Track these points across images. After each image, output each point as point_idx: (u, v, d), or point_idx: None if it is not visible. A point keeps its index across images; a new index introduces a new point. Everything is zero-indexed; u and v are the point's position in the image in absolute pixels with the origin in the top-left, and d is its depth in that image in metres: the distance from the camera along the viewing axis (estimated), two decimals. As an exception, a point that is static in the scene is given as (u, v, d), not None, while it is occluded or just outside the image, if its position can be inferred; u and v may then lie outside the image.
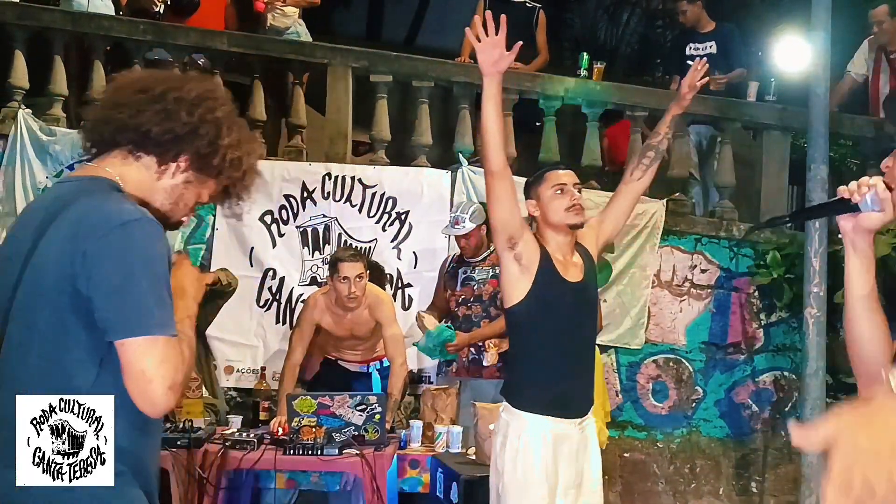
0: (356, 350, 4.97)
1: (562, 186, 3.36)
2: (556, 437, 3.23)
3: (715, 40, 6.75)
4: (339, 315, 4.84)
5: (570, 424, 3.27)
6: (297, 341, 4.87)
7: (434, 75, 6.43)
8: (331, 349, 5.02)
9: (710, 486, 6.04)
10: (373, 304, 4.86)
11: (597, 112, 6.47)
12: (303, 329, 4.88)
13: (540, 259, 3.26)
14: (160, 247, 1.81)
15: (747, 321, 6.14)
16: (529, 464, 3.19)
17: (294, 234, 5.96)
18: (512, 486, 3.21)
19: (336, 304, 4.79)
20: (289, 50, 6.51)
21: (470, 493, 3.80)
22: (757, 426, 6.12)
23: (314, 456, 4.11)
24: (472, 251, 5.07)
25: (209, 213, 5.94)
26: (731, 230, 6.19)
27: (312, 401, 4.24)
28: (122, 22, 6.36)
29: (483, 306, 5.02)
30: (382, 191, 5.98)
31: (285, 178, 5.99)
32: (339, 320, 4.86)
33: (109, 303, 1.74)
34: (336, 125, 6.37)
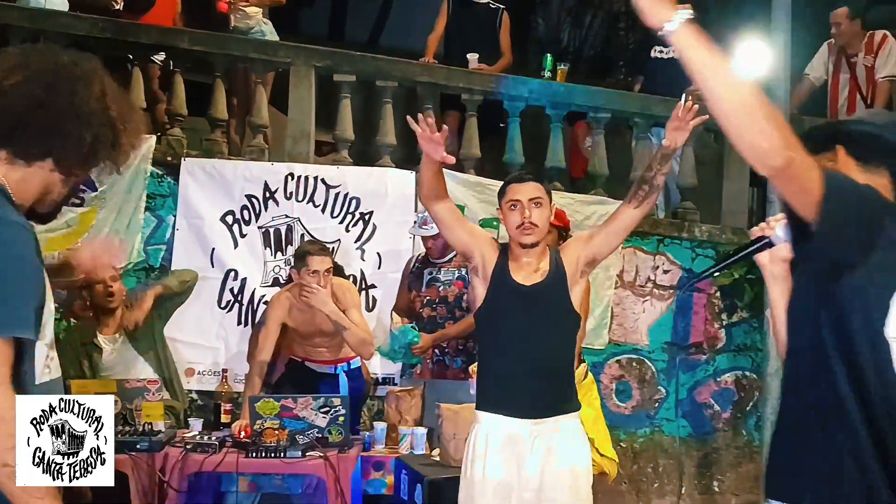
0: (322, 349, 4.91)
1: (516, 202, 3.41)
2: (508, 436, 3.31)
3: None
4: (304, 311, 4.79)
5: (523, 425, 3.31)
6: (263, 340, 4.76)
7: (398, 75, 6.41)
8: (297, 350, 4.97)
9: (672, 485, 6.08)
10: (337, 292, 4.78)
11: (560, 113, 6.49)
12: (269, 327, 4.77)
13: (495, 266, 3.43)
14: (24, 247, 1.80)
15: (709, 321, 6.20)
16: (481, 463, 3.31)
17: (256, 235, 5.91)
18: (464, 484, 3.36)
19: (300, 300, 4.74)
20: (251, 49, 6.45)
21: (434, 494, 3.79)
22: (719, 425, 6.18)
23: (277, 458, 4.06)
24: (438, 252, 5.06)
25: (170, 213, 5.87)
26: (694, 231, 6.24)
27: (275, 403, 4.19)
28: (82, 19, 6.25)
29: (448, 308, 5.01)
30: (346, 191, 5.95)
31: (247, 178, 5.93)
32: (304, 317, 4.81)
33: None
34: (299, 125, 6.32)
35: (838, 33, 6.46)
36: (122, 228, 5.74)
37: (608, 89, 6.82)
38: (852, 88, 6.46)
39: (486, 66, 6.62)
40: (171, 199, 5.91)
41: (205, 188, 5.89)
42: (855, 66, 6.48)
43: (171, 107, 6.21)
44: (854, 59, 6.48)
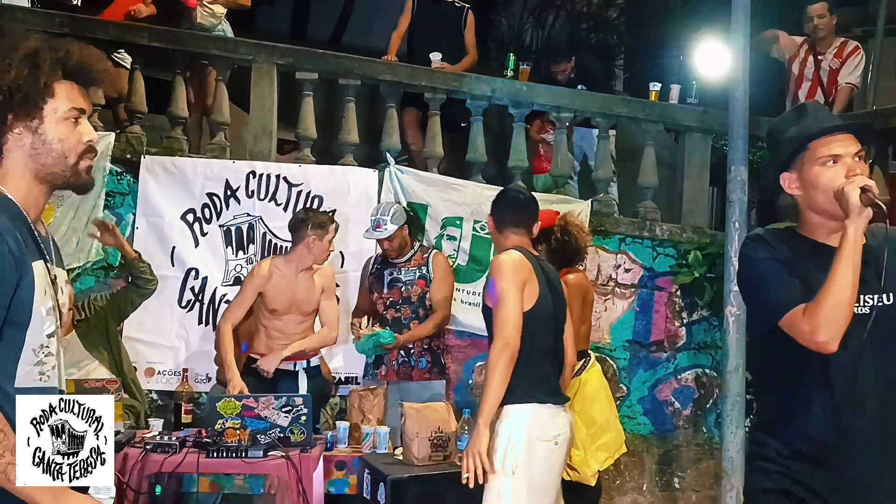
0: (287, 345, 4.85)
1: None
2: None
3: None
4: (285, 278, 4.80)
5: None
6: (236, 305, 4.86)
7: (361, 73, 6.39)
8: (258, 344, 4.90)
9: (634, 482, 6.13)
10: (321, 272, 4.90)
11: (523, 112, 6.51)
12: (244, 295, 4.86)
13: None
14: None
15: (670, 320, 6.25)
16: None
17: (217, 233, 5.86)
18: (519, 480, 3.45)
19: (287, 265, 4.82)
20: (212, 46, 6.39)
21: (397, 493, 3.78)
22: (679, 423, 6.24)
23: (238, 458, 4.03)
24: (395, 252, 5.05)
25: (129, 211, 5.81)
26: (655, 230, 6.29)
27: (237, 403, 4.16)
28: (39, 15, 6.15)
29: (412, 308, 5.00)
30: (308, 189, 5.92)
31: (208, 176, 5.88)
32: (284, 284, 4.81)
33: None
34: (261, 123, 6.28)
35: (816, 27, 6.49)
36: (80, 227, 5.66)
37: (570, 89, 6.84)
38: (814, 83, 6.53)
39: (448, 64, 6.63)
40: (130, 197, 5.84)
41: (165, 186, 5.83)
42: (821, 63, 6.55)
43: (130, 104, 6.13)
44: (821, 58, 6.55)
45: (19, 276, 1.82)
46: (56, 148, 1.92)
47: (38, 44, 1.92)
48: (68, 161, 1.94)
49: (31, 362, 1.85)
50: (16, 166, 1.91)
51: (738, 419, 5.14)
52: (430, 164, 6.31)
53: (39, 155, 1.91)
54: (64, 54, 1.92)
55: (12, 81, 1.86)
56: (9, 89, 1.86)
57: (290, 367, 4.87)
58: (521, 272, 3.48)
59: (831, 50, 6.51)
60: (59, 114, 1.92)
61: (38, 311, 1.85)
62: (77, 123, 1.95)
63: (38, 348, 1.87)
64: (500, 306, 3.39)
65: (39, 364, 1.87)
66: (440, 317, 5.03)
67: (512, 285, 3.42)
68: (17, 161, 1.91)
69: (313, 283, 4.88)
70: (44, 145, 1.91)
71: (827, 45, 6.52)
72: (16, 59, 1.87)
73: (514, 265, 3.48)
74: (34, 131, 1.90)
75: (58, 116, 1.92)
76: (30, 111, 1.88)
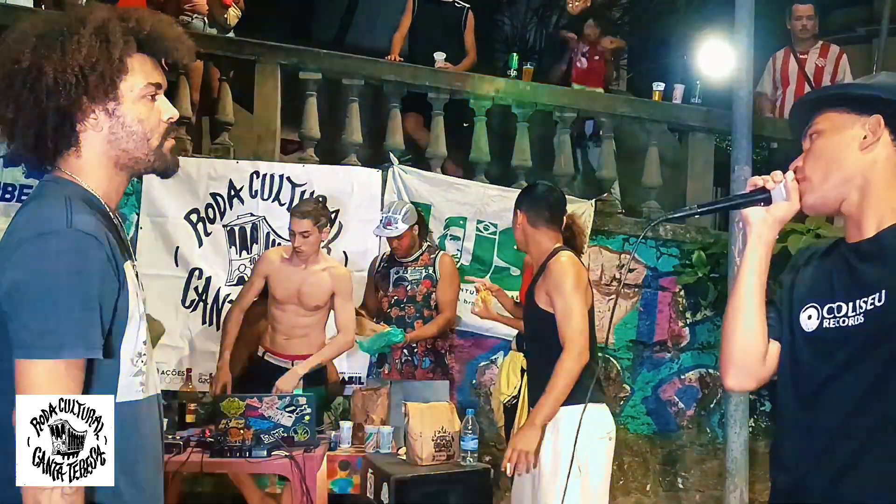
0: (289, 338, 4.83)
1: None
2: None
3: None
4: (291, 267, 4.79)
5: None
6: (245, 289, 4.93)
7: (364, 73, 6.39)
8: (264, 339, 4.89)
9: (637, 482, 6.12)
10: (334, 273, 4.82)
11: (527, 112, 6.51)
12: (252, 280, 4.92)
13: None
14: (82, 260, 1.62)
15: (673, 320, 6.25)
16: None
17: (221, 234, 5.86)
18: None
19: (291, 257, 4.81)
20: (216, 46, 6.40)
21: (401, 493, 3.78)
22: (683, 423, 6.23)
23: (242, 458, 4.04)
24: (404, 251, 5.05)
25: (133, 211, 5.81)
26: (658, 230, 6.29)
27: (240, 402, 4.16)
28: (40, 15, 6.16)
29: (416, 307, 5.00)
30: (312, 189, 5.92)
31: (212, 177, 5.88)
32: (288, 272, 4.79)
33: (13, 315, 1.63)
34: (264, 123, 6.29)
35: (804, 27, 6.50)
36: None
37: (573, 89, 6.84)
38: (800, 81, 6.54)
39: (450, 64, 6.63)
40: (134, 197, 5.84)
41: (169, 186, 5.83)
42: (804, 62, 6.56)
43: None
44: (804, 57, 6.56)
45: (118, 283, 1.69)
46: (137, 130, 1.76)
47: (108, 14, 1.74)
48: (151, 143, 1.78)
49: (131, 374, 1.77)
50: (96, 155, 1.76)
51: (742, 419, 5.14)
52: (433, 165, 6.31)
53: (119, 140, 1.75)
54: (135, 24, 1.74)
55: (84, 60, 1.67)
56: (80, 69, 1.67)
57: (286, 365, 4.82)
58: (583, 275, 3.47)
59: (814, 50, 6.54)
60: (136, 92, 1.75)
61: (133, 317, 1.74)
62: (154, 100, 1.79)
63: (136, 357, 1.78)
64: (573, 314, 3.36)
65: (139, 374, 1.79)
66: (446, 318, 5.03)
67: (580, 290, 3.40)
68: (96, 149, 1.75)
69: (322, 279, 4.80)
70: (123, 128, 1.75)
71: (809, 46, 6.55)
72: (86, 34, 1.69)
73: (579, 268, 3.46)
74: (111, 114, 1.73)
75: (135, 95, 1.75)
76: (106, 92, 1.70)
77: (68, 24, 1.70)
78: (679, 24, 9.73)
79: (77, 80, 1.67)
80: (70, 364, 1.64)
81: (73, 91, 1.67)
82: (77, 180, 1.74)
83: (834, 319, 1.83)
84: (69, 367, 1.64)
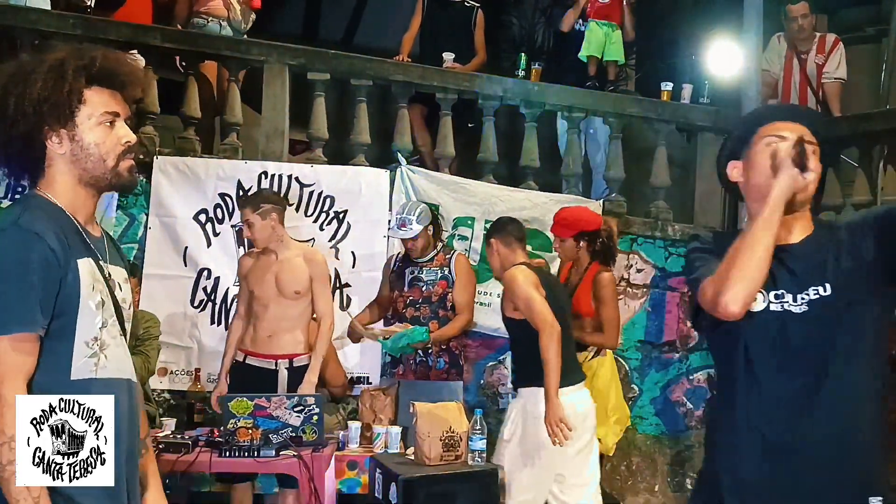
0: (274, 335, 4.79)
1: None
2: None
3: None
4: (263, 261, 4.80)
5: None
6: (240, 300, 4.97)
7: (372, 74, 6.40)
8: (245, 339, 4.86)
9: (646, 483, 6.12)
10: (309, 257, 4.83)
11: (535, 113, 6.50)
12: (241, 289, 4.97)
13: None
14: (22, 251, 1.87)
15: (682, 320, 6.23)
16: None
17: (229, 234, 5.87)
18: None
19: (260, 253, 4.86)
20: (224, 47, 6.41)
21: (409, 493, 3.78)
22: (691, 423, 6.22)
23: (250, 458, 4.05)
24: (419, 252, 5.04)
25: (142, 211, 5.83)
26: (667, 230, 6.28)
27: (249, 402, 4.17)
28: (52, 16, 6.17)
29: (431, 308, 5.00)
30: (320, 190, 5.92)
31: (220, 177, 5.89)
32: (261, 266, 4.80)
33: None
34: (273, 123, 6.29)
35: (798, 27, 6.47)
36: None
37: (582, 89, 6.83)
38: (802, 84, 6.51)
39: (459, 65, 6.63)
40: (143, 198, 5.86)
41: (177, 186, 5.85)
42: (805, 62, 6.53)
43: (142, 104, 6.15)
44: (804, 56, 6.52)
45: (63, 273, 1.90)
46: (94, 152, 2.02)
47: (64, 54, 2.02)
48: (107, 164, 2.03)
49: (86, 354, 1.92)
50: (60, 173, 2.02)
51: (751, 420, 5.12)
52: (441, 165, 6.31)
53: (79, 160, 2.02)
54: (88, 61, 2.01)
55: (39, 92, 1.96)
56: (37, 100, 1.96)
57: (269, 366, 4.78)
58: (531, 277, 4.16)
59: (812, 47, 6.49)
60: (94, 119, 2.02)
61: (86, 305, 1.93)
62: (112, 126, 2.04)
63: (91, 341, 1.94)
64: (531, 304, 4.05)
65: (94, 356, 1.94)
66: (465, 319, 5.03)
67: (529, 285, 4.11)
68: (60, 168, 2.02)
69: (297, 264, 4.77)
70: (82, 150, 2.01)
71: (808, 44, 6.51)
72: (41, 70, 1.98)
73: (524, 274, 4.18)
74: (72, 138, 2.01)
75: (92, 122, 2.01)
76: (62, 119, 1.99)
77: (32, 64, 2.00)
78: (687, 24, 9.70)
79: (34, 109, 1.96)
80: (14, 339, 1.83)
81: (32, 119, 1.96)
82: (47, 196, 2.01)
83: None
84: (13, 341, 1.83)
